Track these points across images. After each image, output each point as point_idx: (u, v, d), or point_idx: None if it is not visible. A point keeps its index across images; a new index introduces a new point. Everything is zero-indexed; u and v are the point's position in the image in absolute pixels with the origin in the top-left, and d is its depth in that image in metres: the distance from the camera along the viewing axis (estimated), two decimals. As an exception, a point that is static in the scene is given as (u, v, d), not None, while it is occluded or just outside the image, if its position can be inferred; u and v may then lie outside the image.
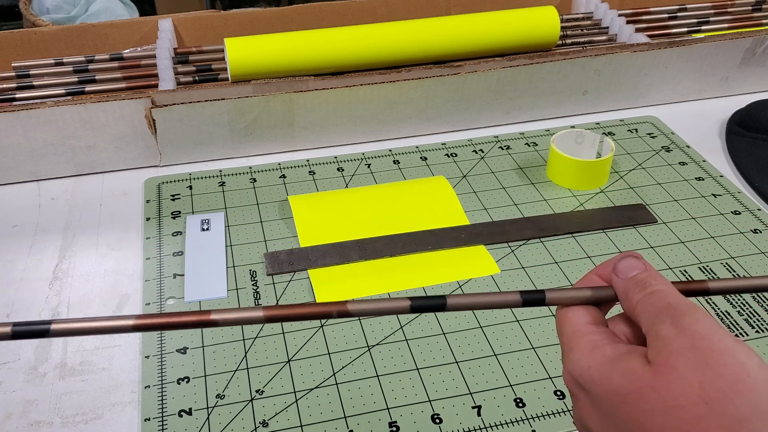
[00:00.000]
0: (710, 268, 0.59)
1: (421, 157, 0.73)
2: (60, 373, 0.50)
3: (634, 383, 0.27)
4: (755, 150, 0.73)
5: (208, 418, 0.47)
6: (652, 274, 0.30)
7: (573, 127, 0.78)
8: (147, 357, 0.51)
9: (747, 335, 0.53)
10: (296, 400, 0.48)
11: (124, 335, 0.53)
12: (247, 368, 0.50)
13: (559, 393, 0.49)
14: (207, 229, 0.63)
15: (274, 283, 0.57)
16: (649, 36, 0.84)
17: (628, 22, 0.85)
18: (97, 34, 0.83)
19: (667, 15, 0.90)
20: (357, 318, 0.54)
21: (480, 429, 0.46)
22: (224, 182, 0.69)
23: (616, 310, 0.32)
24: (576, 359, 0.30)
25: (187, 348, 0.52)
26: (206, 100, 0.68)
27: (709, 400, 0.25)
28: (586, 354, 0.29)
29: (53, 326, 0.28)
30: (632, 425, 0.27)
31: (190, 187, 0.69)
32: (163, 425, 0.46)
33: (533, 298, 0.32)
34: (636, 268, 0.31)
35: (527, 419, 0.47)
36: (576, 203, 0.67)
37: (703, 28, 0.88)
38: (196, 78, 0.75)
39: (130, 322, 0.29)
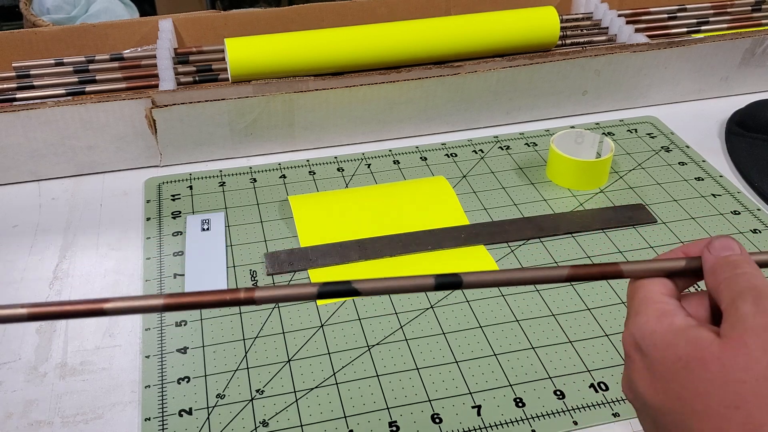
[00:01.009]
0: None
1: (421, 157, 0.73)
2: (60, 373, 0.50)
3: (700, 352, 0.27)
4: (755, 150, 0.73)
5: (208, 417, 0.47)
6: (746, 258, 0.31)
7: (573, 127, 0.78)
8: (147, 357, 0.51)
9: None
10: (296, 400, 0.48)
11: (125, 335, 0.53)
12: (247, 368, 0.50)
13: (558, 393, 0.49)
14: (207, 229, 0.63)
15: (274, 283, 0.57)
16: (649, 36, 0.84)
17: (627, 23, 0.85)
18: (97, 34, 0.83)
19: (666, 15, 0.90)
20: (357, 318, 0.54)
21: (480, 429, 0.47)
22: (224, 182, 0.69)
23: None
24: (642, 322, 0.30)
25: (188, 348, 0.52)
26: (206, 101, 0.68)
27: None
28: (653, 319, 0.30)
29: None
30: (688, 392, 0.27)
31: (191, 187, 0.69)
32: (163, 425, 0.47)
33: (581, 273, 0.32)
34: (731, 249, 0.31)
35: (527, 419, 0.47)
36: (576, 203, 0.67)
37: (703, 28, 0.89)
38: (197, 78, 0.75)
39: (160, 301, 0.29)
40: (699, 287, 0.53)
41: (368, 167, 0.72)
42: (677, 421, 0.28)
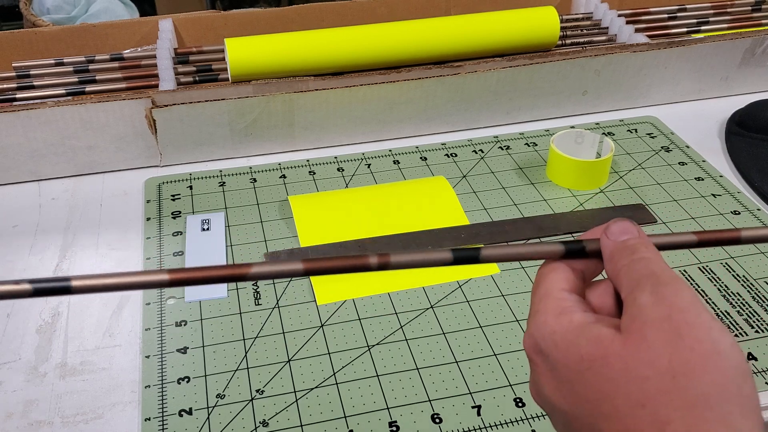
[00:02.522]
0: (710, 268, 0.59)
1: (421, 157, 0.73)
2: (60, 373, 0.50)
3: (601, 350, 0.26)
4: (755, 150, 0.73)
5: (208, 417, 0.47)
6: (643, 241, 0.29)
7: (573, 127, 0.78)
8: (147, 357, 0.51)
9: (747, 335, 0.53)
10: (296, 400, 0.48)
11: (125, 335, 0.53)
12: (247, 368, 0.50)
13: (558, 393, 0.49)
14: (207, 229, 0.63)
15: (274, 283, 0.57)
16: (649, 36, 0.84)
17: (627, 23, 0.85)
18: (97, 34, 0.83)
19: (666, 15, 0.90)
20: (357, 318, 0.54)
21: (480, 429, 0.47)
22: (224, 182, 0.69)
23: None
24: (540, 322, 0.28)
25: (188, 348, 0.52)
26: (206, 101, 0.68)
27: (676, 374, 0.24)
28: (552, 318, 0.28)
29: (74, 282, 0.28)
30: (593, 394, 0.26)
31: (191, 187, 0.69)
32: (163, 425, 0.47)
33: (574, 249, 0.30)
34: (628, 233, 0.30)
35: (527, 419, 0.47)
36: (576, 203, 0.67)
37: (703, 28, 0.89)
38: (197, 78, 0.75)
39: (165, 276, 0.28)
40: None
41: (368, 167, 0.72)
42: (587, 424, 0.26)
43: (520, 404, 0.48)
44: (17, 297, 0.28)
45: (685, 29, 0.88)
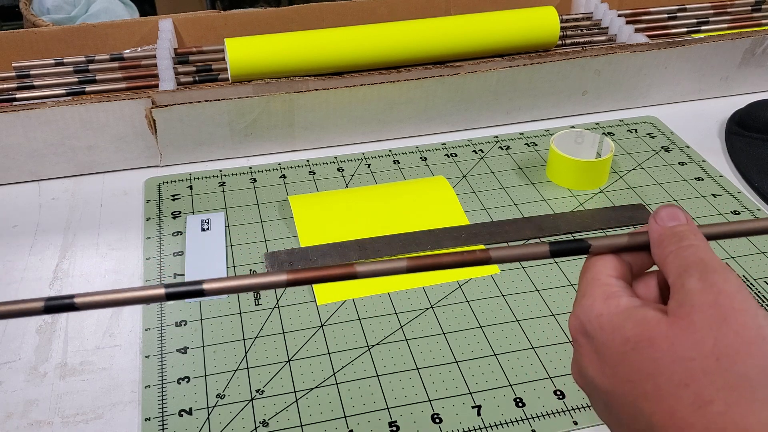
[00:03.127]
0: (710, 268, 0.59)
1: (421, 157, 0.73)
2: (60, 373, 0.50)
3: (647, 332, 0.27)
4: (755, 150, 0.73)
5: (208, 417, 0.47)
6: (692, 228, 0.30)
7: (573, 127, 0.78)
8: (147, 357, 0.51)
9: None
10: (296, 400, 0.48)
11: (125, 335, 0.53)
12: (247, 368, 0.50)
13: (558, 393, 0.49)
14: (207, 229, 0.63)
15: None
16: (649, 36, 0.84)
17: (627, 23, 0.85)
18: (97, 34, 0.83)
19: (666, 15, 0.90)
20: (357, 318, 0.54)
21: (480, 429, 0.47)
22: (224, 182, 0.69)
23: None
24: (587, 305, 0.29)
25: (188, 348, 0.52)
26: (206, 101, 0.68)
27: (720, 356, 0.25)
28: (599, 301, 0.29)
29: (77, 300, 0.29)
30: (637, 374, 0.27)
31: (191, 187, 0.69)
32: (163, 425, 0.47)
33: (571, 248, 0.31)
34: (677, 219, 0.30)
35: (527, 419, 0.47)
36: (576, 203, 0.67)
37: (703, 28, 0.89)
38: (197, 78, 0.75)
39: (161, 291, 0.29)
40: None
41: (368, 167, 0.72)
42: (628, 404, 0.27)
43: (520, 404, 0.48)
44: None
45: (685, 29, 0.88)
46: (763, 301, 0.56)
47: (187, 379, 0.50)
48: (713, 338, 0.25)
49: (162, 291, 0.29)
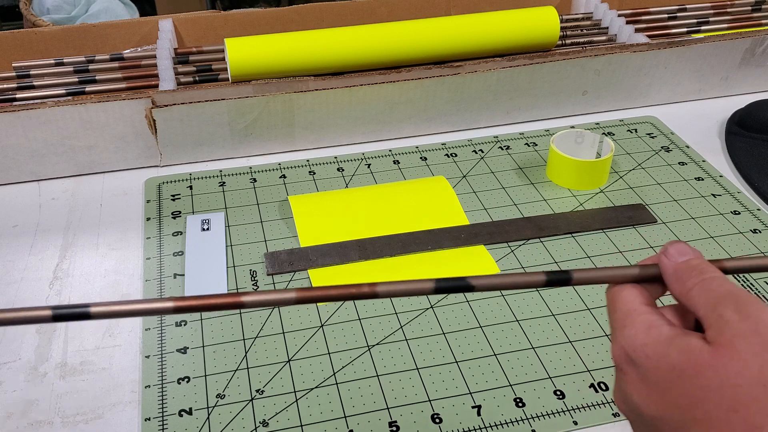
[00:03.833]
0: (710, 268, 0.59)
1: (421, 157, 0.73)
2: (60, 373, 0.50)
3: (693, 360, 0.28)
4: (755, 150, 0.73)
5: (208, 417, 0.47)
6: (705, 261, 0.31)
7: (573, 127, 0.78)
8: (147, 357, 0.51)
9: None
10: (296, 400, 0.48)
11: (125, 335, 0.53)
12: (247, 368, 0.50)
13: (558, 393, 0.49)
14: (207, 229, 0.63)
15: (274, 283, 0.57)
16: (649, 36, 0.84)
17: (627, 23, 0.85)
18: (97, 34, 0.83)
19: (666, 15, 0.90)
20: (357, 318, 0.54)
21: (480, 429, 0.47)
22: (224, 182, 0.69)
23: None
24: (631, 335, 0.30)
25: (188, 348, 0.52)
26: (206, 101, 0.68)
27: (767, 383, 0.26)
28: (642, 332, 0.30)
29: (92, 309, 0.29)
30: (686, 400, 0.27)
31: (191, 187, 0.69)
32: (163, 425, 0.47)
33: (559, 278, 0.32)
34: (688, 254, 0.32)
35: (527, 419, 0.47)
36: (576, 203, 0.67)
37: (703, 28, 0.89)
38: (197, 78, 0.75)
39: (170, 304, 0.30)
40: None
41: (368, 167, 0.72)
42: (678, 428, 0.28)
43: (520, 404, 0.48)
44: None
45: (685, 29, 0.88)
46: (764, 301, 0.56)
47: (187, 379, 0.50)
48: (759, 365, 0.26)
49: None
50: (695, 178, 0.70)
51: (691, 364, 0.28)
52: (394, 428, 0.47)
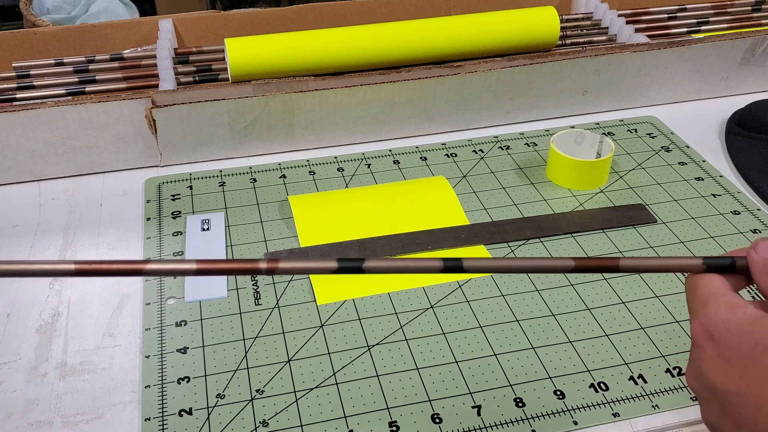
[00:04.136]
0: (710, 268, 0.59)
1: (421, 157, 0.73)
2: (60, 373, 0.50)
3: None
4: (755, 150, 0.73)
5: (208, 417, 0.47)
6: None
7: (573, 127, 0.78)
8: (147, 357, 0.51)
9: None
10: (296, 400, 0.48)
11: (125, 335, 0.53)
12: (247, 368, 0.50)
13: (558, 393, 0.49)
14: (207, 229, 0.63)
15: (274, 283, 0.57)
16: (649, 36, 0.84)
17: (627, 23, 0.85)
18: (97, 34, 0.83)
19: (666, 15, 0.90)
20: (357, 318, 0.54)
21: (480, 429, 0.47)
22: (224, 182, 0.69)
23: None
24: (713, 313, 0.31)
25: (188, 348, 0.52)
26: (206, 101, 0.68)
27: None
28: (725, 309, 0.31)
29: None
30: (766, 375, 0.28)
31: (191, 187, 0.69)
32: (163, 425, 0.47)
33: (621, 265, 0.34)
34: None
35: (527, 419, 0.47)
36: (576, 203, 0.67)
37: (703, 28, 0.89)
38: (197, 78, 0.75)
39: (71, 266, 0.31)
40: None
41: (368, 167, 0.72)
42: (753, 404, 0.29)
43: (520, 404, 0.48)
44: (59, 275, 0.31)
45: (685, 29, 0.88)
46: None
47: (187, 379, 0.50)
48: None
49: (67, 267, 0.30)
50: (695, 178, 0.70)
51: None
52: (394, 428, 0.47)
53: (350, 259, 0.32)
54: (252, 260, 0.32)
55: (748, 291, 0.56)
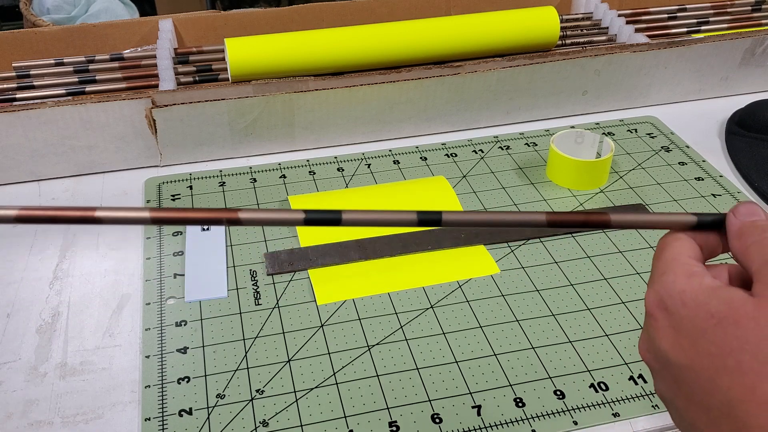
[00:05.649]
0: (710, 268, 0.59)
1: (421, 157, 0.73)
2: (60, 373, 0.50)
3: (734, 310, 0.28)
4: (755, 150, 0.73)
5: (208, 417, 0.47)
6: None
7: (573, 127, 0.78)
8: (147, 357, 0.51)
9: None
10: (296, 400, 0.48)
11: (125, 335, 0.53)
12: (247, 368, 0.50)
13: (558, 393, 0.49)
14: (207, 229, 0.63)
15: (274, 283, 0.57)
16: (649, 36, 0.84)
17: (627, 23, 0.85)
18: (97, 34, 0.83)
19: (666, 15, 0.90)
20: (357, 318, 0.54)
21: (480, 429, 0.47)
22: (224, 182, 0.69)
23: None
24: (669, 281, 0.30)
25: (188, 348, 0.52)
26: (206, 101, 0.68)
27: None
28: (682, 278, 0.30)
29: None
30: (718, 348, 0.27)
31: (191, 187, 0.69)
32: (163, 425, 0.47)
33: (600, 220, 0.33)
34: (757, 215, 0.31)
35: (527, 419, 0.47)
36: (576, 203, 0.67)
37: (703, 28, 0.89)
38: (197, 78, 0.75)
39: (13, 213, 0.29)
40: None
41: (368, 167, 0.72)
42: (705, 378, 0.28)
43: (520, 404, 0.48)
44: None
45: (685, 29, 0.88)
46: None
47: (187, 379, 0.50)
48: None
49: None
50: (695, 178, 0.70)
51: (732, 314, 0.27)
52: (394, 428, 0.47)
53: (319, 210, 0.32)
54: (216, 210, 0.31)
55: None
